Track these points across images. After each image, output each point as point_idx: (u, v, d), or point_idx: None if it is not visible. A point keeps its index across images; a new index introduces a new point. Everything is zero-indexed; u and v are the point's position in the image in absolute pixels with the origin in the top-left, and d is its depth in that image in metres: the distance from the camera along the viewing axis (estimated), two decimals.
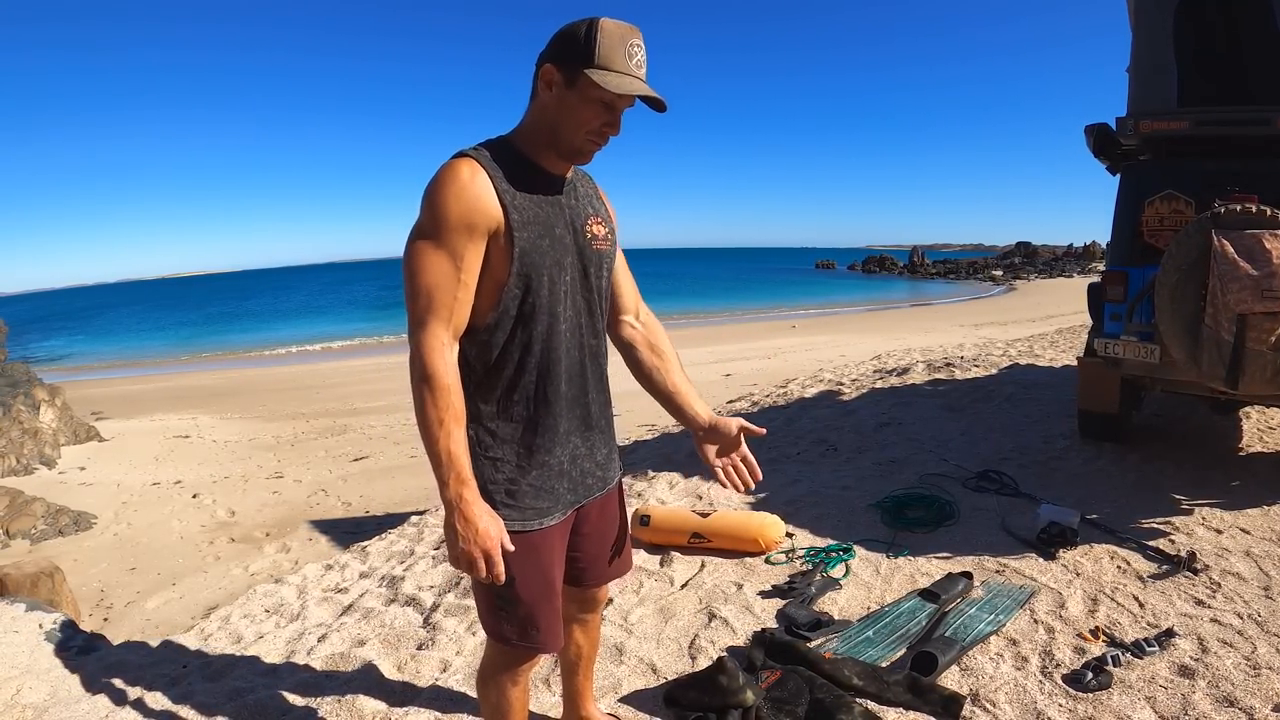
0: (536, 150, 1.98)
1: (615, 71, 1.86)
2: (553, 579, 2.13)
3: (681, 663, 3.36)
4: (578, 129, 1.92)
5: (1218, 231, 4.31)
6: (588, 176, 2.22)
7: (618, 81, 1.85)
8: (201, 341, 42.70)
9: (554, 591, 2.14)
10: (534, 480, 2.05)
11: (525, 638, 2.11)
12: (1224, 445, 6.09)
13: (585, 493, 2.20)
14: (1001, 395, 8.17)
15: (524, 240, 1.91)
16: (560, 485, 2.11)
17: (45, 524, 10.45)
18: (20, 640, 4.05)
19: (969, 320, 29.99)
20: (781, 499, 5.31)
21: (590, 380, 2.14)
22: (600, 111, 1.90)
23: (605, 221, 2.16)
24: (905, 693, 2.97)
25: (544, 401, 2.04)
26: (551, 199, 2.00)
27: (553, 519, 2.09)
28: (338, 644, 3.80)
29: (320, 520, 9.59)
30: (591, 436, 2.19)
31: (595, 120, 1.91)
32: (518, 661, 2.20)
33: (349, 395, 19.23)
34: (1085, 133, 5.79)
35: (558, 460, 2.09)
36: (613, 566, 2.45)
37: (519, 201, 1.92)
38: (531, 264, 1.93)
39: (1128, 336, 5.15)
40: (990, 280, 61.94)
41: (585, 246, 2.06)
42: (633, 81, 1.88)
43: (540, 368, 2.01)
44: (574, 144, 1.95)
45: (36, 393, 15.73)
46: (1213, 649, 3.19)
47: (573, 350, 2.07)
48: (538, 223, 1.94)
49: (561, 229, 2.00)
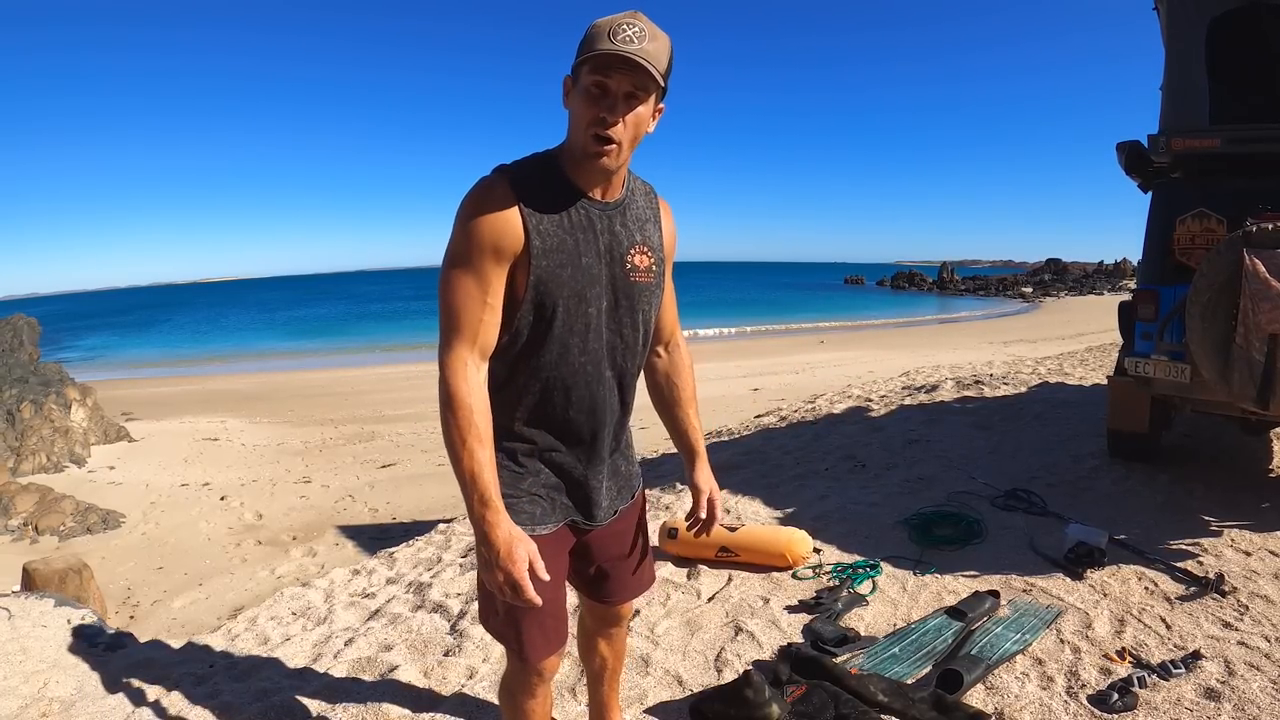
0: (573, 168, 1.93)
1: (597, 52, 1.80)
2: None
3: (707, 675, 3.37)
4: (580, 125, 1.86)
5: (1249, 250, 4.27)
6: (650, 195, 2.16)
7: (591, 50, 1.79)
8: (232, 346, 43.00)
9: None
10: (531, 487, 2.04)
11: (510, 644, 2.11)
12: (1254, 467, 6.04)
13: (586, 515, 2.17)
14: (1031, 414, 8.12)
15: (540, 269, 1.88)
16: (560, 497, 2.10)
17: (74, 521, 10.57)
18: (48, 635, 4.10)
19: (998, 337, 29.83)
20: (809, 514, 5.30)
21: (606, 413, 2.09)
22: (594, 98, 1.83)
23: (651, 252, 2.09)
24: (930, 710, 2.96)
25: (549, 425, 2.04)
26: (586, 225, 1.95)
27: (545, 527, 2.05)
28: (364, 648, 3.83)
29: (347, 526, 9.65)
30: (601, 468, 2.16)
31: (591, 108, 1.83)
32: (522, 671, 2.17)
33: (378, 402, 19.34)
34: (1117, 150, 5.76)
35: (558, 480, 2.08)
36: (632, 584, 2.43)
37: (545, 226, 1.88)
38: (545, 292, 1.90)
39: (1158, 356, 5.10)
40: (1020, 297, 61.58)
41: (621, 278, 2.01)
42: (603, 46, 1.79)
43: (544, 393, 2.00)
44: (583, 143, 1.86)
45: (68, 392, 15.92)
46: (1239, 672, 3.16)
47: (589, 382, 2.02)
48: (561, 251, 1.90)
49: (591, 259, 1.95)
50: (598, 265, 1.97)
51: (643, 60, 1.78)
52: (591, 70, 1.80)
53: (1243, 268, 4.27)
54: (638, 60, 1.77)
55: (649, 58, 1.79)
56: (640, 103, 1.86)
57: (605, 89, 1.82)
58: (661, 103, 1.94)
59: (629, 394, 2.17)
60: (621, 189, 2.03)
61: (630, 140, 1.88)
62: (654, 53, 1.81)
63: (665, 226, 2.17)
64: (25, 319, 19.80)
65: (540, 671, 2.15)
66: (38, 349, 19.28)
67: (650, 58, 1.79)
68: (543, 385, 1.99)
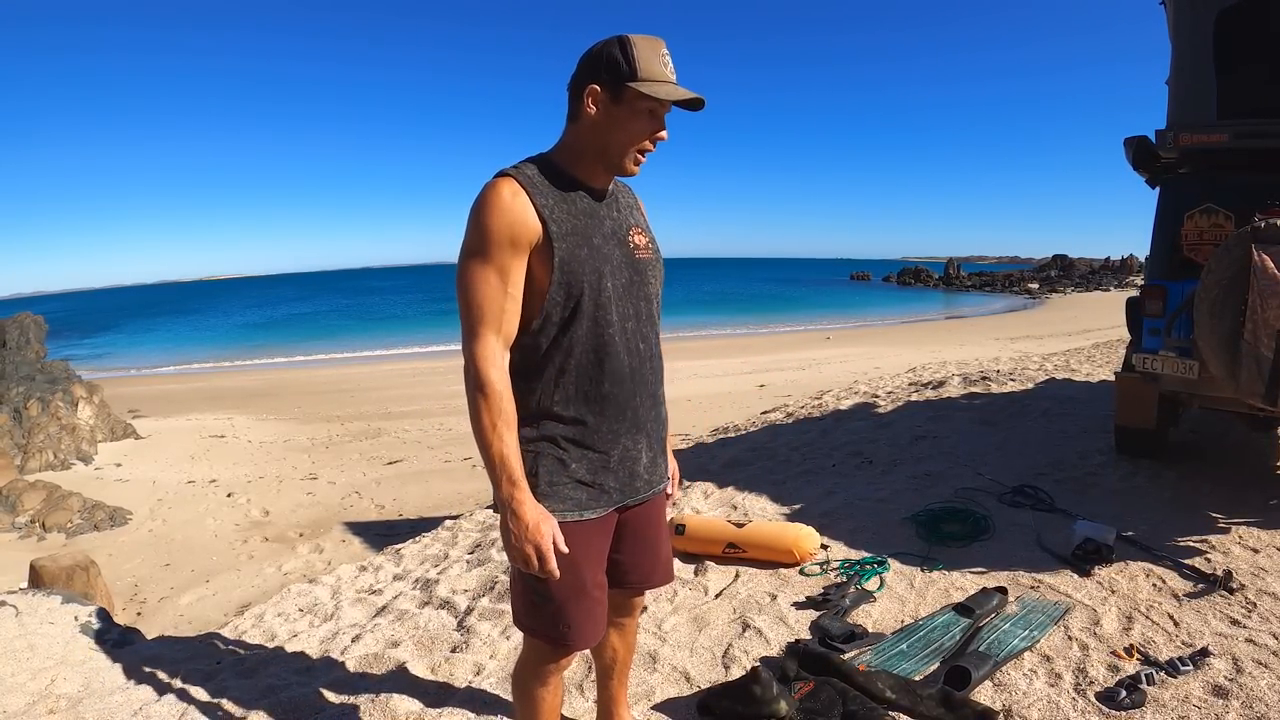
0: (577, 165, 2.08)
1: (656, 80, 1.97)
2: (584, 576, 2.14)
3: (715, 672, 3.37)
4: (629, 141, 2.03)
5: (1258, 246, 4.25)
6: (628, 189, 2.32)
7: (664, 89, 1.97)
8: (238, 343, 43.08)
9: (584, 589, 2.15)
10: (576, 473, 2.11)
11: (554, 633, 2.16)
12: (1262, 463, 6.02)
13: (632, 494, 2.23)
14: (1038, 410, 8.10)
15: (563, 251, 1.99)
16: (607, 480, 2.15)
17: (81, 518, 10.61)
18: (56, 632, 4.12)
19: (1004, 334, 29.81)
20: (816, 511, 5.30)
21: (637, 384, 2.17)
22: (649, 120, 2.01)
23: (646, 231, 2.26)
24: (938, 707, 2.95)
25: (587, 401, 2.10)
26: (590, 211, 2.08)
27: (593, 513, 2.13)
28: (372, 645, 3.84)
29: (354, 522, 9.67)
30: (639, 439, 2.22)
31: (646, 129, 2.02)
32: (548, 659, 2.23)
33: (384, 399, 19.37)
34: (1124, 145, 5.74)
35: (603, 458, 2.14)
36: (656, 573, 2.47)
37: (557, 214, 2.00)
38: (571, 272, 2.00)
39: (1166, 352, 5.08)
40: (1026, 293, 61.48)
41: (629, 256, 2.15)
42: (675, 87, 2.00)
43: (582, 369, 2.07)
44: (625, 156, 2.05)
45: (75, 390, 15.97)
46: (1247, 669, 3.14)
47: (620, 354, 2.11)
48: (575, 234, 2.02)
49: (600, 239, 2.08)
50: (607, 245, 2.10)
51: (704, 101, 2.01)
52: (644, 95, 1.97)
53: (1251, 263, 4.24)
54: (703, 102, 2.01)
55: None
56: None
57: (657, 116, 2.02)
58: None
59: (658, 365, 2.28)
60: (610, 182, 2.19)
61: None
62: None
63: (644, 213, 2.37)
64: (32, 317, 19.84)
65: (564, 661, 2.25)
66: (44, 347, 19.32)
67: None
68: (578, 363, 2.08)
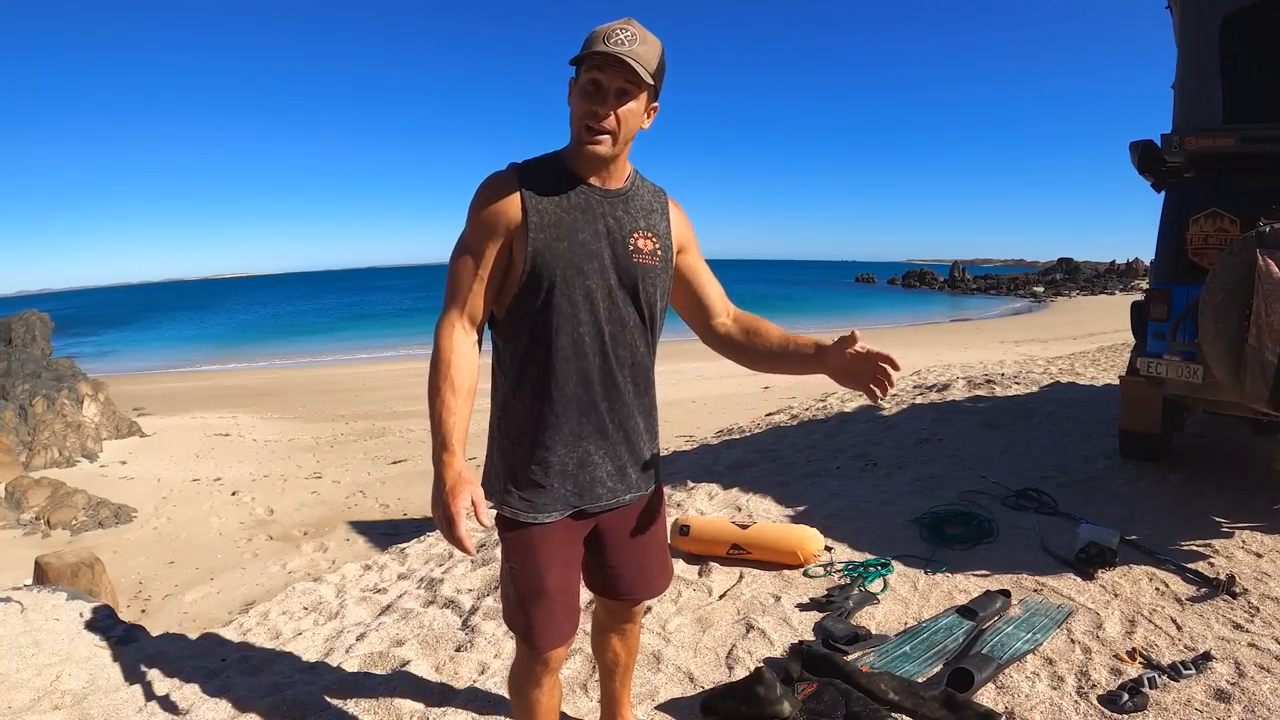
0: (574, 160, 2.11)
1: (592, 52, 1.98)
2: (546, 579, 2.15)
3: (718, 672, 3.37)
4: (576, 117, 2.04)
5: (1263, 250, 4.25)
6: (660, 193, 2.28)
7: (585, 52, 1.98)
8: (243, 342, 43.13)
9: (545, 591, 2.15)
10: (532, 474, 2.13)
11: (522, 632, 2.21)
12: (1266, 468, 6.02)
13: (592, 499, 2.20)
14: (1042, 413, 8.10)
15: (538, 241, 2.03)
16: (563, 485, 2.15)
17: (86, 516, 10.63)
18: (60, 628, 4.13)
19: (1010, 337, 29.77)
20: (820, 513, 5.30)
21: (608, 388, 2.16)
22: (588, 93, 2.00)
23: (656, 238, 2.20)
24: (941, 709, 2.96)
25: (547, 398, 2.10)
26: (585, 208, 2.09)
27: (549, 516, 2.14)
28: (376, 643, 3.85)
29: (358, 521, 9.69)
30: (607, 446, 2.20)
31: (585, 102, 2.00)
32: (528, 658, 2.25)
33: (388, 399, 19.40)
34: (1130, 149, 5.74)
35: (559, 459, 2.14)
36: (646, 583, 2.47)
37: (544, 206, 2.05)
38: (544, 264, 2.03)
39: (1171, 356, 5.08)
40: (1031, 296, 61.39)
41: (624, 258, 2.13)
42: (598, 47, 1.96)
43: (545, 364, 2.09)
44: (577, 132, 2.05)
45: (80, 387, 16.00)
46: (1250, 674, 3.15)
47: (590, 354, 2.11)
48: (558, 226, 2.05)
49: (589, 235, 2.08)
50: (596, 243, 2.10)
51: (632, 60, 1.94)
52: (587, 69, 1.99)
53: (1256, 268, 4.24)
54: (628, 60, 1.94)
55: (639, 58, 1.96)
56: (631, 99, 2.01)
57: (599, 85, 1.99)
58: (656, 102, 2.11)
59: (639, 374, 2.24)
60: (624, 180, 2.18)
61: (623, 133, 2.04)
62: (644, 54, 1.98)
63: (676, 219, 2.29)
64: (38, 314, 19.89)
65: (546, 661, 2.23)
66: (50, 344, 19.36)
67: (640, 59, 1.96)
68: (543, 355, 2.09)
